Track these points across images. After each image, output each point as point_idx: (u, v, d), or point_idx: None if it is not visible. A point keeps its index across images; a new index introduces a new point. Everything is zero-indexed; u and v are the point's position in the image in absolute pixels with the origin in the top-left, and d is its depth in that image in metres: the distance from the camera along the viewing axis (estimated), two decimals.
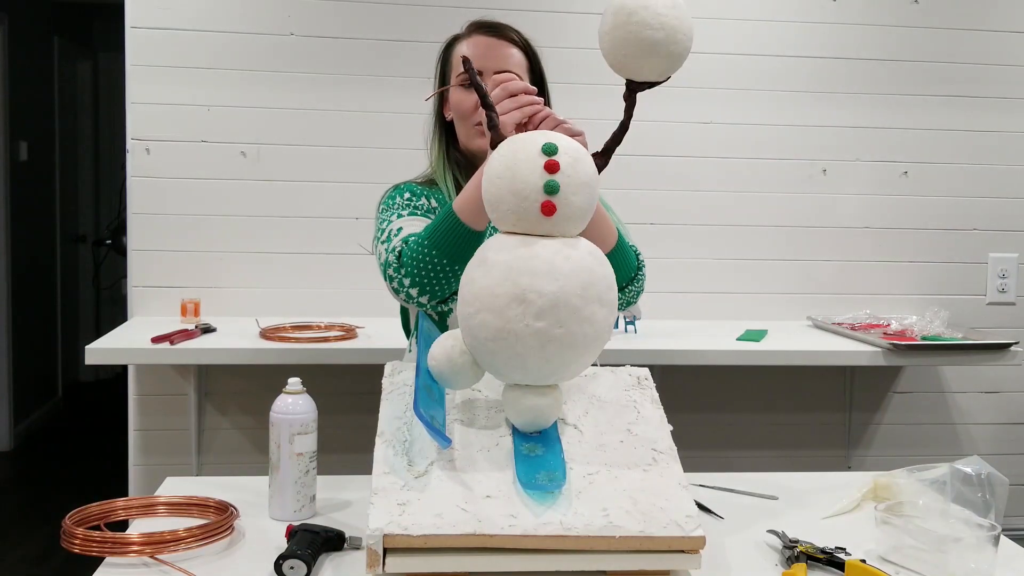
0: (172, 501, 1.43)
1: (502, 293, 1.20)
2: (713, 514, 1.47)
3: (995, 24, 3.20)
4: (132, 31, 2.87)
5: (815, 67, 3.14)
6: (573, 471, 1.24)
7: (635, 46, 1.29)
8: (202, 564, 1.25)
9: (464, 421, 1.35)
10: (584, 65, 2.98)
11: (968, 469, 1.49)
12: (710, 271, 3.14)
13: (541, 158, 1.21)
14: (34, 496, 4.34)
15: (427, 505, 1.17)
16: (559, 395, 1.31)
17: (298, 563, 1.21)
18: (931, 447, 3.27)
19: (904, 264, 3.22)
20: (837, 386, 3.23)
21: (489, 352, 1.24)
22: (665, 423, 1.38)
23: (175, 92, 2.89)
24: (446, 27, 2.98)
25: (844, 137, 3.16)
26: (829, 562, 1.28)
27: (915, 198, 3.21)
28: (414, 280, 1.53)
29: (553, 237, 1.24)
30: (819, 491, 1.60)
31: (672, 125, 3.07)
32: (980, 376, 3.29)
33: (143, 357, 2.66)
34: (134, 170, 2.91)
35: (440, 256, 1.51)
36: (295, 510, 1.40)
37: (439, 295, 1.56)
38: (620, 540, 1.15)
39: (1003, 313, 3.28)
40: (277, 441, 1.39)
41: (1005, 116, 3.22)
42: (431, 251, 1.51)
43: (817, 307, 3.16)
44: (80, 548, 1.25)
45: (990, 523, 1.33)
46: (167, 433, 2.96)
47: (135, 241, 2.92)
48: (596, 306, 1.22)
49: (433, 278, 1.52)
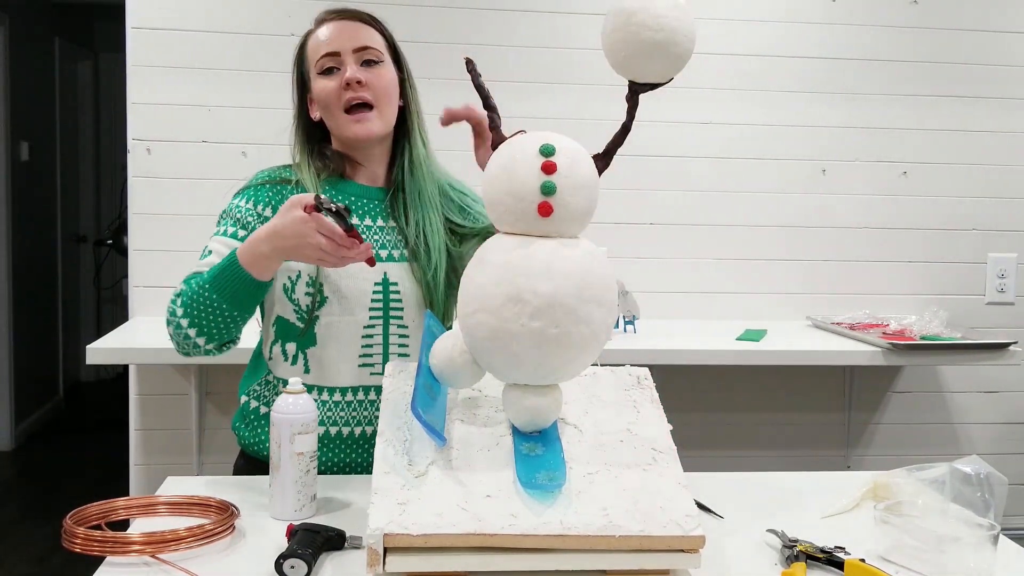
0: (173, 501, 1.43)
1: (499, 293, 1.21)
2: (713, 513, 1.48)
3: (995, 24, 3.20)
4: (133, 31, 2.87)
5: (815, 67, 3.14)
6: (573, 471, 1.24)
7: (635, 47, 1.30)
8: (203, 564, 1.25)
9: (464, 420, 1.35)
10: (586, 65, 2.99)
11: (967, 469, 1.49)
12: (710, 271, 3.14)
13: (538, 159, 1.21)
14: (35, 496, 4.34)
15: (427, 504, 1.17)
16: (559, 395, 1.31)
17: (299, 562, 1.21)
18: (930, 447, 3.27)
19: (903, 264, 3.22)
20: (836, 386, 3.24)
21: (486, 352, 1.25)
22: (665, 423, 1.38)
23: (176, 92, 2.90)
24: (447, 27, 3.01)
25: (843, 137, 3.16)
26: (828, 561, 1.28)
27: (914, 198, 3.21)
28: (192, 321, 1.53)
29: (551, 238, 1.24)
30: (818, 491, 1.60)
31: (671, 125, 3.07)
32: (979, 376, 3.29)
33: (144, 357, 2.66)
34: (135, 170, 2.91)
35: (220, 300, 1.51)
36: (296, 509, 1.40)
37: (217, 339, 1.57)
38: (620, 539, 1.15)
39: (1002, 313, 3.28)
40: (278, 441, 1.40)
41: (1005, 116, 3.22)
42: (212, 294, 1.51)
43: (816, 307, 3.17)
44: (81, 548, 1.25)
45: (989, 522, 1.34)
46: (168, 433, 2.96)
47: (136, 241, 2.92)
48: (593, 306, 1.22)
49: (211, 321, 1.53)
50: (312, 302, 1.62)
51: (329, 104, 1.64)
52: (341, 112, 1.63)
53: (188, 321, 1.53)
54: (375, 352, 1.65)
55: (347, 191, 1.69)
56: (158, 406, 2.96)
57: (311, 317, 1.62)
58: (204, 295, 1.52)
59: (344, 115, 1.63)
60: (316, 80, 1.65)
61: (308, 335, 1.63)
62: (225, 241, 1.62)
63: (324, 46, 1.65)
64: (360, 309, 1.63)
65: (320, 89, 1.64)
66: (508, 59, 2.99)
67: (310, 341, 1.64)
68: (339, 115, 1.63)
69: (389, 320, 1.65)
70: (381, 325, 1.65)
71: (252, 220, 1.64)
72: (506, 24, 3.00)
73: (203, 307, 1.52)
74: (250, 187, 1.69)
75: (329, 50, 1.64)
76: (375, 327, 1.65)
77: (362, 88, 1.63)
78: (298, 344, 1.65)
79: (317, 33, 1.67)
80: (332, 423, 1.65)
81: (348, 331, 1.63)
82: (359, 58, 1.64)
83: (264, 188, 1.68)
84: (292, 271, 1.62)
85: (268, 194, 1.67)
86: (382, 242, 1.67)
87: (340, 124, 1.64)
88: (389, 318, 1.65)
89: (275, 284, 1.64)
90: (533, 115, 2.88)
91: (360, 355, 1.65)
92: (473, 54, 1.51)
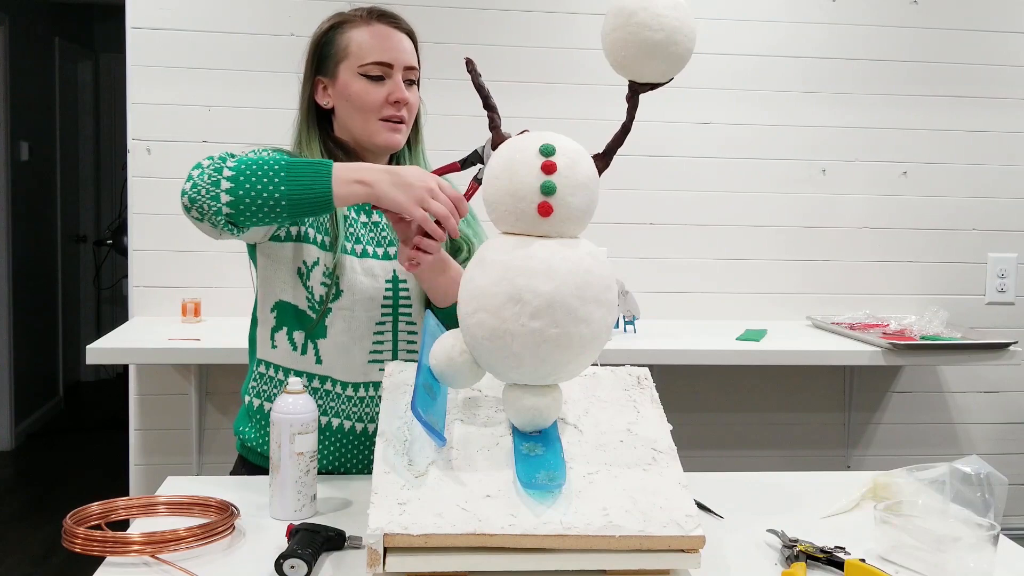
0: (173, 501, 1.43)
1: (498, 293, 1.21)
2: (713, 513, 1.48)
3: (995, 24, 3.20)
4: (133, 31, 2.88)
5: (814, 67, 3.14)
6: (573, 471, 1.24)
7: (635, 47, 1.30)
8: (203, 564, 1.25)
9: (464, 420, 1.35)
10: (586, 65, 2.99)
11: (967, 468, 1.49)
12: (710, 271, 3.14)
13: (538, 159, 1.22)
14: (35, 496, 4.34)
15: (427, 504, 1.17)
16: (559, 395, 1.31)
17: (299, 562, 1.21)
18: (930, 447, 3.27)
19: (903, 264, 3.23)
20: (836, 386, 3.24)
21: (486, 352, 1.25)
22: (665, 423, 1.38)
23: (176, 92, 2.90)
24: (447, 27, 3.01)
25: (844, 137, 3.16)
26: (828, 561, 1.28)
27: (914, 198, 3.21)
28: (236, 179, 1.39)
29: (551, 238, 1.24)
30: (818, 491, 1.60)
31: (672, 125, 3.08)
32: (979, 376, 3.29)
33: (144, 357, 2.66)
34: (135, 170, 2.91)
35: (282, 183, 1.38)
36: (295, 509, 1.40)
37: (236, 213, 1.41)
38: (620, 539, 1.15)
39: (1002, 313, 3.28)
40: (278, 441, 1.40)
41: (1005, 116, 3.22)
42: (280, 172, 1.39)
43: (816, 307, 3.17)
44: (81, 548, 1.25)
45: (989, 522, 1.34)
46: (168, 433, 2.96)
47: (136, 241, 2.92)
48: (593, 306, 1.22)
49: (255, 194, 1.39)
50: (327, 293, 1.61)
51: (367, 108, 1.63)
52: (376, 119, 1.64)
53: (233, 175, 1.41)
54: (385, 348, 1.65)
55: None
56: (158, 406, 2.96)
57: (324, 309, 1.62)
58: (270, 168, 1.40)
59: (380, 122, 1.64)
60: (356, 79, 1.63)
61: (320, 327, 1.63)
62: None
63: (379, 52, 1.63)
64: (373, 306, 1.64)
65: (361, 91, 1.63)
66: (508, 59, 2.99)
67: (320, 333, 1.63)
68: (374, 120, 1.64)
69: (399, 317, 1.66)
70: (391, 322, 1.66)
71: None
72: (506, 24, 3.00)
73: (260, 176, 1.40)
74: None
75: (384, 59, 1.63)
76: (386, 323, 1.65)
77: (405, 108, 1.65)
78: (308, 335, 1.63)
79: (368, 33, 1.64)
80: (335, 415, 1.65)
81: (361, 327, 1.63)
82: (405, 76, 1.65)
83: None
84: (310, 256, 1.61)
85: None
86: (390, 239, 1.67)
87: (372, 128, 1.64)
88: (399, 315, 1.66)
89: (280, 268, 1.62)
90: (533, 115, 2.88)
91: (371, 351, 1.65)
92: (473, 54, 1.52)
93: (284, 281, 1.63)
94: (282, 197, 1.39)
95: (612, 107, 1.66)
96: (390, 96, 1.63)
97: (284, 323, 1.64)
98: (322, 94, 1.68)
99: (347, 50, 1.64)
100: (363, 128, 1.64)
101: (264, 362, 1.68)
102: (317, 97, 1.68)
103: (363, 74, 1.63)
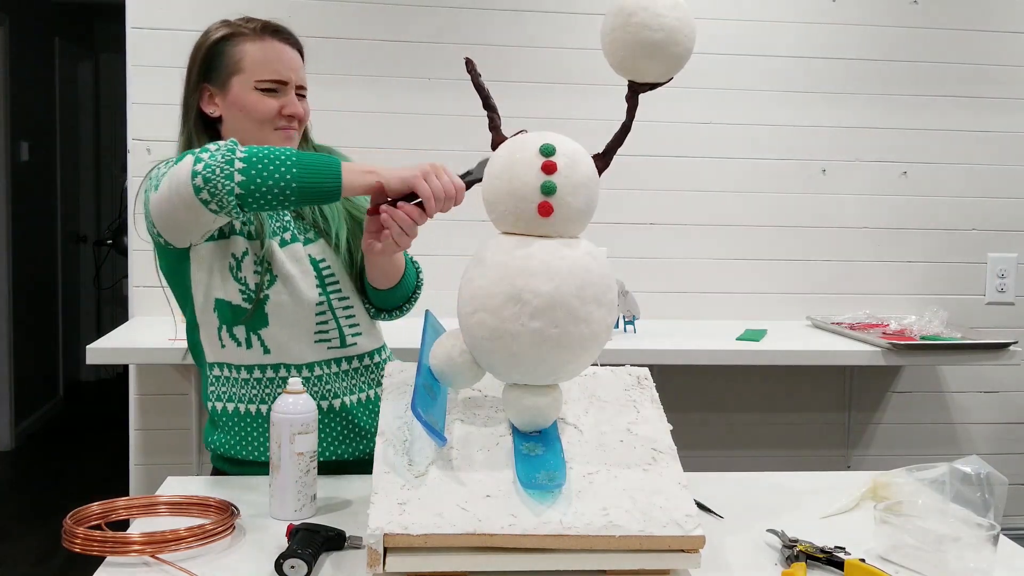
0: (173, 501, 1.43)
1: (498, 293, 1.21)
2: (713, 513, 1.48)
3: (995, 24, 3.20)
4: (133, 31, 2.87)
5: (815, 67, 3.14)
6: (573, 471, 1.24)
7: (635, 47, 1.30)
8: (203, 564, 1.25)
9: (464, 420, 1.35)
10: (585, 65, 2.99)
11: (967, 468, 1.49)
12: (710, 271, 3.14)
13: (538, 159, 1.22)
14: (35, 496, 4.34)
15: (427, 504, 1.17)
16: (559, 395, 1.31)
17: (299, 562, 1.21)
18: (930, 447, 3.27)
19: (903, 264, 3.22)
20: (836, 386, 3.24)
21: (486, 352, 1.25)
22: (665, 423, 1.38)
23: (176, 92, 2.86)
24: (447, 27, 3.01)
25: (844, 137, 3.16)
26: (828, 561, 1.28)
27: (914, 198, 3.21)
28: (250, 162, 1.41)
29: (551, 238, 1.24)
30: (819, 491, 1.60)
31: (672, 125, 3.07)
32: (979, 376, 3.29)
33: (144, 357, 2.66)
34: (135, 170, 2.91)
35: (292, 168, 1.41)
36: (295, 509, 1.40)
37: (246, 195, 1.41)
38: (620, 540, 1.16)
39: (1002, 313, 3.28)
40: (278, 441, 1.40)
41: (1005, 116, 3.22)
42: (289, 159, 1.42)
43: (816, 307, 3.17)
44: (81, 548, 1.25)
45: (989, 522, 1.34)
46: (168, 433, 2.96)
47: (136, 241, 2.92)
48: (593, 306, 1.22)
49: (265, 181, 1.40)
50: (261, 280, 1.62)
51: (262, 119, 1.67)
52: (271, 129, 1.68)
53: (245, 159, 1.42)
54: (330, 328, 1.69)
55: None
56: (158, 406, 2.96)
57: (259, 297, 1.62)
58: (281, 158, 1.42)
59: (274, 131, 1.68)
60: (250, 92, 1.67)
61: (257, 315, 1.63)
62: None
63: (272, 70, 1.68)
64: (308, 288, 1.67)
65: (256, 102, 1.67)
66: (508, 59, 2.99)
67: (260, 322, 1.64)
68: (268, 130, 1.68)
69: (330, 295, 1.70)
70: (326, 301, 1.69)
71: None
72: (506, 24, 3.00)
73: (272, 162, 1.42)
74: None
75: (279, 77, 1.68)
76: (322, 302, 1.69)
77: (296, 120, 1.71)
78: (247, 327, 1.64)
79: (262, 49, 1.68)
80: None
81: (300, 310, 1.66)
82: (298, 91, 1.71)
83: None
84: (239, 248, 1.63)
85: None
86: (292, 233, 1.69)
87: (266, 137, 1.67)
88: (329, 293, 1.70)
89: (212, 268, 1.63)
90: (533, 115, 2.88)
91: (316, 332, 1.68)
92: (473, 54, 1.52)
93: (217, 279, 1.64)
94: (294, 182, 1.42)
95: (612, 107, 1.66)
96: (284, 110, 1.68)
97: (224, 321, 1.65)
98: (208, 102, 1.71)
99: (239, 64, 1.68)
100: (256, 137, 1.67)
101: (217, 364, 1.68)
102: (203, 104, 1.71)
103: (259, 88, 1.67)
